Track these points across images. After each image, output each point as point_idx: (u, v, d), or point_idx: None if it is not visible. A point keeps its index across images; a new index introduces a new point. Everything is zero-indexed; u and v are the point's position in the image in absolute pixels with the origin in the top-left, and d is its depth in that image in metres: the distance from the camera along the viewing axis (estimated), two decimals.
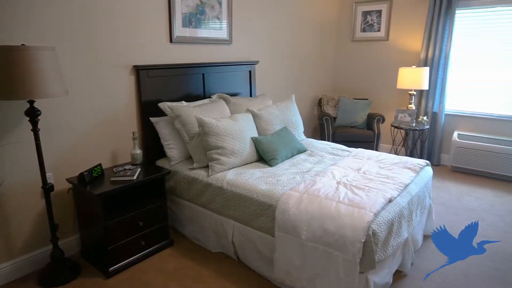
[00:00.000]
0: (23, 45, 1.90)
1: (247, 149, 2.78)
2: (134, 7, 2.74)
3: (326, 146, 3.31)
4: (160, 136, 2.87)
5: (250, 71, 3.84)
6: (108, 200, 2.56)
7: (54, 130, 2.42)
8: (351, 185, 2.32)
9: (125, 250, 2.45)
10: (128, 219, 2.43)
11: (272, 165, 2.76)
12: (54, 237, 2.31)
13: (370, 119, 4.62)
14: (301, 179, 2.49)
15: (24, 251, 2.39)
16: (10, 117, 2.20)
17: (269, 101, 3.58)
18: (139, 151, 2.76)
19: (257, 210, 2.30)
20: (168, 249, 2.68)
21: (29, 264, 2.40)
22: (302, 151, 3.12)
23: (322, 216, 2.01)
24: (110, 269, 2.37)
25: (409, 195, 2.32)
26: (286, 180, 2.48)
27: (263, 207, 2.26)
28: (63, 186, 2.51)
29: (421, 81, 4.22)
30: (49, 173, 2.41)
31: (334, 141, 4.40)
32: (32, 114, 2.07)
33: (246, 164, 2.80)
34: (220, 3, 3.40)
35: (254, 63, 3.87)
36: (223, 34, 3.51)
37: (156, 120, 2.88)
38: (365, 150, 3.17)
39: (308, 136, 5.00)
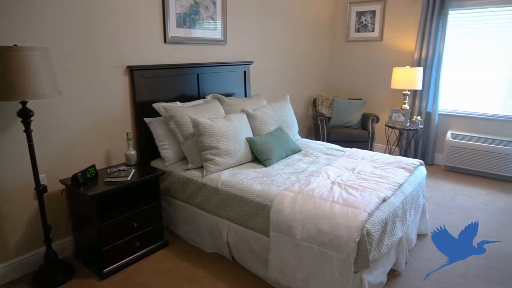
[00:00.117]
0: (15, 45, 1.89)
1: (241, 149, 2.78)
2: (128, 8, 2.73)
3: (320, 146, 3.32)
4: (154, 137, 2.86)
5: (245, 71, 3.84)
6: (102, 201, 2.54)
7: (47, 131, 2.40)
8: (346, 185, 2.33)
9: (120, 251, 2.44)
10: (122, 220, 2.42)
11: (266, 165, 2.76)
12: (48, 239, 2.29)
13: (364, 119, 4.64)
14: (296, 179, 2.49)
15: (17, 253, 2.37)
16: (3, 118, 2.18)
17: (263, 101, 3.58)
18: (133, 151, 2.75)
19: (251, 210, 2.30)
20: (163, 250, 2.68)
21: (22, 266, 2.38)
22: (296, 151, 3.13)
23: (316, 216, 2.01)
24: (105, 270, 2.35)
25: (403, 195, 2.34)
26: (281, 180, 2.48)
27: (258, 207, 2.27)
28: (56, 187, 2.49)
29: (415, 81, 4.24)
30: (42, 175, 2.39)
31: (328, 141, 4.41)
32: (25, 115, 2.06)
33: (241, 164, 2.80)
34: (215, 4, 3.40)
35: (249, 63, 3.87)
36: (217, 34, 3.51)
37: (150, 121, 2.87)
38: (359, 150, 3.19)
39: (303, 136, 5.01)
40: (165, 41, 3.05)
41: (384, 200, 2.16)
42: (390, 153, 4.78)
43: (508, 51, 4.06)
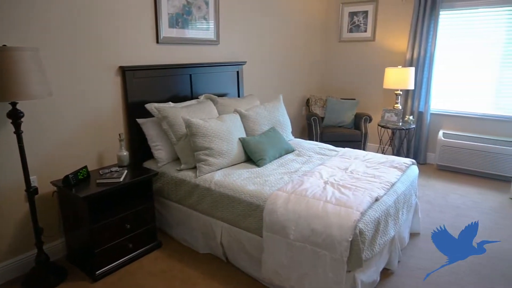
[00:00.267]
0: (4, 45, 1.87)
1: (234, 149, 2.78)
2: (120, 8, 2.71)
3: (314, 146, 3.33)
4: (147, 138, 2.85)
5: (238, 72, 3.84)
6: (95, 202, 2.52)
7: (38, 132, 2.38)
8: (338, 185, 2.34)
9: (112, 253, 2.42)
10: (115, 221, 2.40)
11: (260, 166, 2.76)
12: (39, 241, 2.27)
13: (357, 119, 4.66)
14: (289, 179, 2.49)
15: (7, 256, 2.34)
16: None
17: (256, 101, 3.58)
18: (125, 152, 2.74)
19: (245, 210, 2.30)
20: (156, 251, 2.66)
21: (13, 269, 2.35)
22: (290, 151, 3.13)
23: (309, 216, 2.02)
24: (97, 272, 2.34)
25: (396, 194, 2.35)
26: (274, 180, 2.48)
27: (251, 208, 2.26)
28: (48, 189, 2.46)
29: (407, 81, 4.28)
30: (33, 176, 2.36)
31: (322, 141, 4.43)
32: (15, 116, 2.03)
33: (234, 164, 2.79)
34: (207, 4, 3.39)
35: (242, 63, 3.87)
36: (210, 34, 3.50)
37: (143, 121, 2.86)
38: (352, 149, 3.20)
39: (296, 136, 5.02)
40: (157, 42, 3.03)
41: (376, 200, 2.17)
42: (383, 152, 4.81)
43: (498, 51, 4.11)
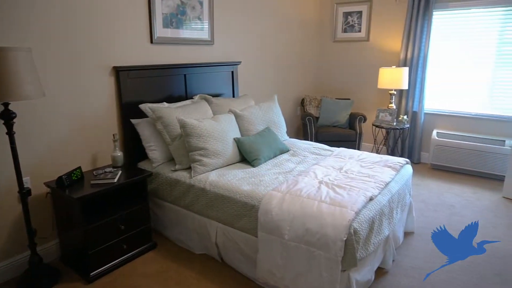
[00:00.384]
0: None
1: (229, 150, 2.77)
2: (114, 8, 2.70)
3: (308, 146, 3.33)
4: (141, 138, 2.84)
5: (233, 72, 3.84)
6: (89, 203, 2.51)
7: (31, 133, 2.36)
8: (333, 184, 2.35)
9: (107, 254, 2.41)
10: (109, 222, 2.39)
11: (255, 166, 2.76)
12: (32, 243, 2.25)
13: (352, 118, 4.68)
14: (284, 179, 2.50)
15: (0, 258, 2.32)
16: None
17: (251, 101, 3.58)
18: (120, 153, 2.72)
19: (240, 210, 2.30)
20: (151, 252, 2.65)
21: (6, 271, 2.33)
22: (284, 151, 3.14)
23: (304, 216, 2.02)
24: (92, 274, 2.32)
25: (390, 193, 2.36)
26: (269, 180, 2.48)
27: (246, 208, 2.26)
28: (41, 190, 2.44)
29: (401, 81, 4.30)
30: (26, 177, 2.34)
31: (317, 140, 4.44)
32: (7, 117, 2.02)
33: (229, 165, 2.79)
34: (201, 4, 3.39)
35: (236, 63, 3.86)
36: (204, 34, 3.49)
37: (137, 122, 2.84)
38: (347, 149, 3.21)
39: (292, 136, 5.03)
40: (151, 42, 3.02)
41: (371, 199, 2.18)
42: (377, 152, 4.82)
43: (491, 51, 4.14)
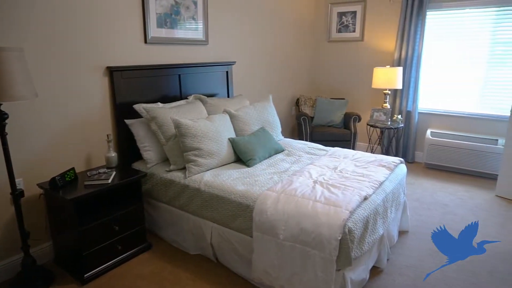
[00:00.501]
0: None
1: (224, 150, 2.77)
2: (107, 8, 2.68)
3: (303, 145, 3.34)
4: (135, 138, 2.83)
5: (227, 72, 3.83)
6: (83, 204, 2.49)
7: (24, 133, 2.34)
8: (328, 184, 2.35)
9: (101, 255, 2.39)
10: (103, 223, 2.38)
11: (249, 166, 2.76)
12: (25, 245, 2.23)
13: (346, 118, 4.69)
14: (279, 179, 2.50)
15: None
16: None
17: (246, 101, 3.58)
18: (114, 154, 2.71)
19: (234, 211, 2.30)
20: (145, 253, 2.64)
21: None
22: (279, 151, 3.14)
23: (299, 215, 2.02)
24: (86, 275, 2.31)
25: (384, 193, 2.37)
26: (264, 180, 2.48)
27: (241, 208, 2.26)
28: (34, 191, 2.42)
29: (395, 80, 4.32)
30: (18, 179, 2.32)
31: (311, 140, 4.45)
32: None
33: (224, 165, 2.79)
34: (196, 3, 3.38)
35: (231, 63, 3.86)
36: (199, 34, 3.48)
37: (131, 122, 2.83)
38: (341, 149, 3.22)
39: (287, 136, 5.03)
40: (145, 42, 3.01)
41: (365, 198, 2.18)
42: (372, 151, 4.84)
43: (484, 51, 4.17)
